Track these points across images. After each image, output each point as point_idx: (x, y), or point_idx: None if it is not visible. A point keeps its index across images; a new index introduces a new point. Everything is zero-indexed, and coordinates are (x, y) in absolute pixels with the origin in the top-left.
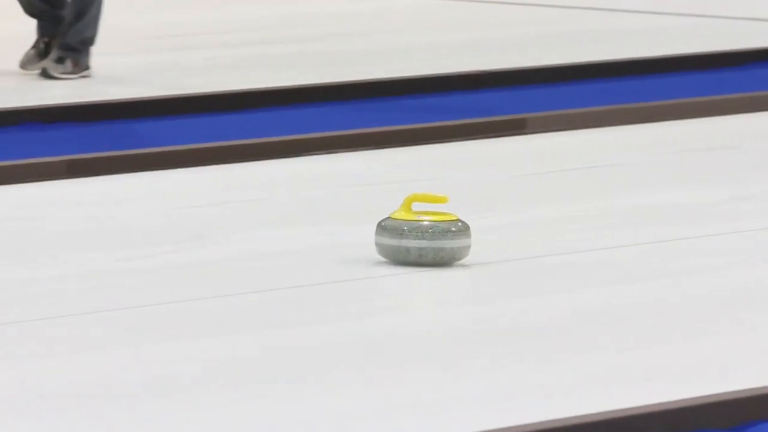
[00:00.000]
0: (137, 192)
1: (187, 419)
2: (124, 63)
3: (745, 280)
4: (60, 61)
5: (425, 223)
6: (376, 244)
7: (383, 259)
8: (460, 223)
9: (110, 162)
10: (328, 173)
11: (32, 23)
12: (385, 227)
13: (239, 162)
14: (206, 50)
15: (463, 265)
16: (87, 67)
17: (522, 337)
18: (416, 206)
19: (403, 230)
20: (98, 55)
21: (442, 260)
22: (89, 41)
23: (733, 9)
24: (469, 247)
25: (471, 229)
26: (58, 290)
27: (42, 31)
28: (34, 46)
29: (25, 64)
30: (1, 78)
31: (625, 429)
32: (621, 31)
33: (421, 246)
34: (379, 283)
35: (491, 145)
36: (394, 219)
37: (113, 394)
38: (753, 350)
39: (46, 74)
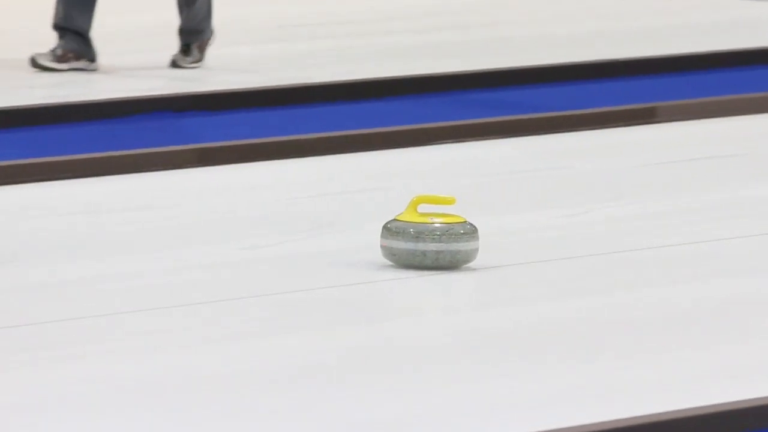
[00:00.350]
0: (266, 181)
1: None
2: (251, 53)
3: None
4: (186, 51)
5: (440, 225)
6: (384, 247)
7: (388, 262)
8: (468, 225)
9: (240, 150)
10: (463, 161)
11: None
12: (397, 231)
13: (367, 150)
14: (336, 40)
15: (470, 268)
16: (211, 34)
17: (638, 330)
18: (422, 208)
19: (419, 233)
20: (227, 44)
21: (457, 263)
22: (207, 17)
23: None
24: (478, 249)
25: (590, 219)
26: (187, 280)
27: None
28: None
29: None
30: (131, 68)
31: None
32: (753, 20)
33: (439, 249)
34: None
35: (621, 134)
36: (406, 222)
37: (237, 382)
38: None
39: (175, 65)
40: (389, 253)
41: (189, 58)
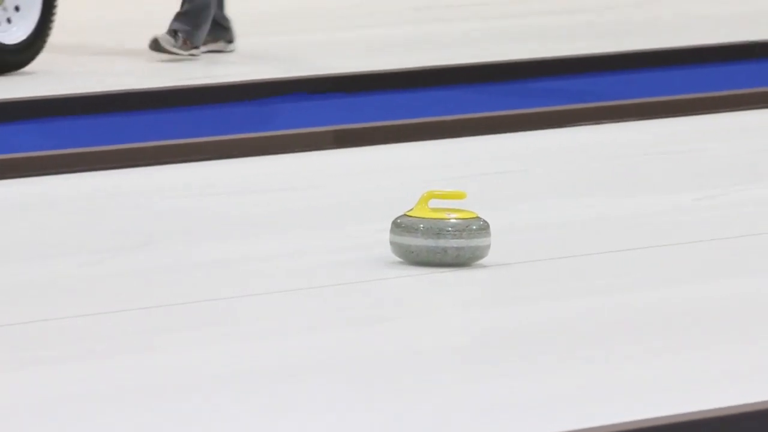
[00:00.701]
0: (399, 163)
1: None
2: (387, 35)
3: None
4: (174, 34)
5: (459, 221)
6: (397, 244)
7: (399, 259)
8: (482, 221)
9: (375, 132)
10: (595, 143)
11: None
12: (414, 227)
13: (496, 133)
14: (465, 23)
15: (481, 265)
16: (199, 41)
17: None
18: (433, 203)
19: (440, 230)
20: (360, 27)
21: (475, 259)
22: (206, 21)
23: None
24: (490, 245)
25: (708, 204)
26: (319, 262)
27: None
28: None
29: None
30: (264, 50)
31: None
32: None
33: (460, 245)
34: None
35: (740, 118)
36: (422, 218)
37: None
38: None
39: (157, 46)
40: (406, 250)
41: (174, 42)
